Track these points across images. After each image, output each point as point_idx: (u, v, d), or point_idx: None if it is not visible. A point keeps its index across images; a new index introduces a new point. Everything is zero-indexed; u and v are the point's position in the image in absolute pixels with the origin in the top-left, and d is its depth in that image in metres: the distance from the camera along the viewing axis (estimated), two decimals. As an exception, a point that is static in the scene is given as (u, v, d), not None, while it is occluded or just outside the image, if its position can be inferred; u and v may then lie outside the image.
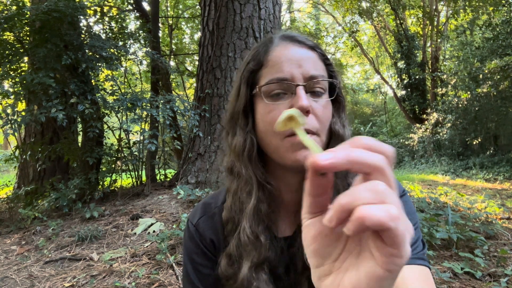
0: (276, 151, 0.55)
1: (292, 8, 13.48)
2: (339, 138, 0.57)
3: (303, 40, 0.57)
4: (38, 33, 3.60)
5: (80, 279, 2.03)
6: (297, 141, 0.52)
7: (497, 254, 2.20)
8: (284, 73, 0.54)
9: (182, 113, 3.94)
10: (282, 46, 0.56)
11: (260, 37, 3.96)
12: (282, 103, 0.54)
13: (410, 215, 0.60)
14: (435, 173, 10.17)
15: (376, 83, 21.54)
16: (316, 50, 0.57)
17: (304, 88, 0.53)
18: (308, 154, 0.50)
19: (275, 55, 0.56)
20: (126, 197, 3.74)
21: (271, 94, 0.55)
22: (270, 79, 0.54)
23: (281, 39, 0.58)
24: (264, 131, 0.56)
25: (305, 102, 0.51)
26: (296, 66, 0.54)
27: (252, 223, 0.55)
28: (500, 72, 8.57)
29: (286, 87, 0.54)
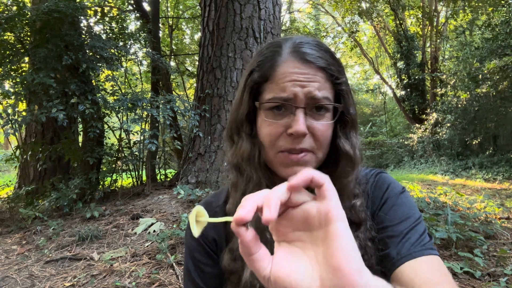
0: (272, 163, 0.58)
1: (292, 8, 13.49)
2: (348, 158, 0.58)
3: (313, 60, 0.55)
4: (38, 34, 3.60)
5: (80, 279, 2.04)
6: (288, 160, 0.55)
7: (496, 253, 2.21)
8: (287, 93, 0.54)
9: (182, 113, 3.95)
10: (290, 63, 0.56)
11: (260, 37, 3.97)
12: (280, 121, 0.55)
13: (412, 210, 0.63)
14: (435, 173, 10.18)
15: (376, 83, 21.57)
16: (325, 70, 0.56)
17: (304, 110, 0.54)
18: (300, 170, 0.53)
19: (281, 72, 0.55)
20: (127, 197, 3.75)
21: (271, 107, 0.56)
22: (273, 97, 0.55)
23: (290, 54, 0.56)
24: (262, 141, 0.58)
25: (301, 128, 0.53)
26: (300, 86, 0.54)
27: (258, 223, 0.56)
28: (499, 72, 8.59)
29: (287, 107, 0.55)
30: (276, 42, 0.60)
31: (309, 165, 0.56)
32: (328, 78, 0.56)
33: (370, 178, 0.65)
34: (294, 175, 0.51)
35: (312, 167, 0.56)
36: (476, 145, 10.34)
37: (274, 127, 0.55)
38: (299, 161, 0.55)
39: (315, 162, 0.57)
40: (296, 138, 0.54)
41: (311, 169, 0.34)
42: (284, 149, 0.55)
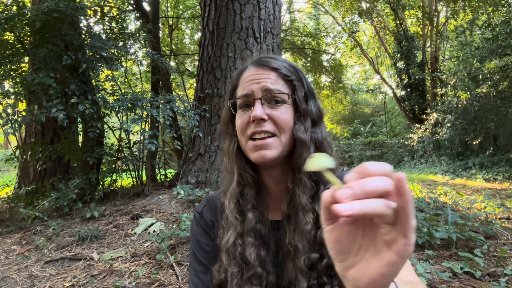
0: (246, 151, 0.70)
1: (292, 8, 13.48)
2: (301, 143, 0.68)
3: (267, 63, 0.70)
4: (38, 34, 3.60)
5: (80, 279, 2.04)
6: (253, 145, 0.67)
7: (496, 253, 2.21)
8: (246, 90, 0.69)
9: (182, 113, 3.95)
10: (249, 70, 0.72)
11: (260, 37, 3.97)
12: (247, 113, 0.69)
13: None
14: (435, 173, 10.18)
15: (376, 83, 21.56)
16: (277, 70, 0.70)
17: (261, 100, 0.67)
18: (265, 153, 0.66)
19: (244, 78, 0.72)
20: (127, 197, 3.75)
21: (241, 106, 0.71)
22: (239, 96, 0.71)
23: (251, 64, 0.73)
24: (238, 133, 0.71)
25: (258, 112, 0.65)
26: (256, 83, 0.68)
27: (236, 203, 0.69)
28: (499, 72, 8.59)
29: (249, 101, 0.69)
30: (246, 63, 0.76)
31: (273, 147, 0.66)
32: (280, 76, 0.70)
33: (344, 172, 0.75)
34: (260, 159, 0.66)
35: (277, 150, 0.66)
36: (476, 145, 10.34)
37: (243, 118, 0.69)
38: (263, 146, 0.66)
39: (280, 146, 0.67)
40: (257, 123, 0.66)
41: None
42: (250, 134, 0.67)
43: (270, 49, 4.03)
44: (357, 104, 21.89)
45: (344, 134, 18.37)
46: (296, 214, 0.66)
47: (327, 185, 0.67)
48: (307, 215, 0.65)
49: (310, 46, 10.70)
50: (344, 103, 14.75)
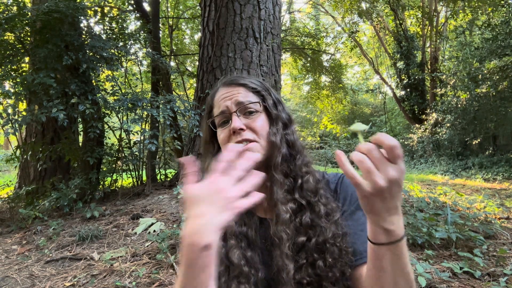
0: None
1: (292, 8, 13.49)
2: (274, 144, 0.75)
3: (235, 81, 0.79)
4: (38, 34, 3.60)
5: (80, 279, 2.04)
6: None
7: (496, 253, 2.21)
8: (222, 107, 0.77)
9: (183, 113, 3.95)
10: (221, 90, 0.80)
11: (260, 37, 3.97)
12: (226, 128, 0.76)
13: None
14: (434, 173, 10.19)
15: (376, 84, 21.57)
16: (244, 86, 0.78)
17: (236, 113, 0.74)
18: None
19: (217, 98, 0.80)
20: (127, 197, 3.75)
21: (220, 123, 0.78)
22: (216, 114, 0.78)
23: (221, 85, 0.81)
24: (221, 148, 0.77)
25: (236, 124, 0.72)
26: (229, 99, 0.76)
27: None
28: (499, 73, 8.60)
29: (226, 117, 0.76)
30: (215, 85, 0.84)
31: (255, 151, 0.73)
32: (249, 89, 0.78)
33: (339, 179, 0.81)
34: None
35: (259, 153, 0.73)
36: (476, 145, 10.35)
37: (224, 133, 0.76)
38: (246, 150, 0.70)
39: (260, 149, 0.74)
40: (237, 133, 0.72)
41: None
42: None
43: (270, 49, 4.04)
44: (357, 104, 21.89)
45: (344, 134, 18.38)
46: (276, 207, 0.72)
47: (304, 177, 0.75)
48: (285, 206, 0.71)
49: (310, 46, 10.70)
50: (344, 103, 14.74)
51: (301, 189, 0.75)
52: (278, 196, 0.73)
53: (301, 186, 0.75)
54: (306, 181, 0.75)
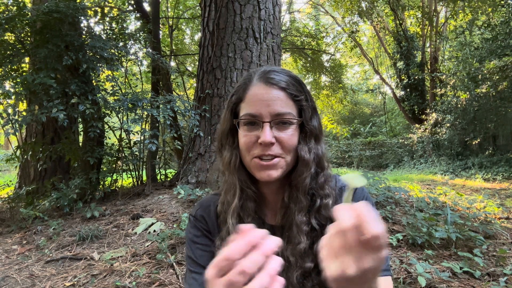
0: (249, 167, 0.71)
1: (292, 8, 13.49)
2: (304, 163, 0.69)
3: (276, 82, 0.69)
4: (39, 34, 3.60)
5: (81, 279, 2.04)
6: (260, 165, 0.67)
7: (496, 253, 2.22)
8: (254, 111, 0.67)
9: (183, 113, 3.95)
10: (256, 87, 0.69)
11: (260, 37, 3.97)
12: (253, 133, 0.68)
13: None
14: (434, 173, 10.19)
15: (376, 84, 21.57)
16: (286, 90, 0.69)
17: (270, 123, 0.66)
18: (271, 173, 0.67)
19: (251, 94, 0.70)
20: (127, 196, 3.76)
21: (245, 124, 0.69)
22: (245, 114, 0.69)
23: (257, 79, 0.70)
24: (241, 149, 0.71)
25: (267, 137, 0.65)
26: (265, 105, 0.67)
27: (238, 217, 0.70)
28: (499, 73, 8.60)
29: (256, 121, 0.68)
30: (250, 72, 0.75)
31: (279, 167, 0.67)
32: (289, 97, 0.69)
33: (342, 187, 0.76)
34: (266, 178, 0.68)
35: (282, 169, 0.68)
36: (475, 145, 10.35)
37: (248, 137, 0.68)
38: (269, 166, 0.67)
39: (285, 165, 0.68)
40: (265, 146, 0.65)
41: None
42: (257, 155, 0.67)
43: (270, 49, 4.04)
44: (357, 104, 21.89)
45: (344, 134, 18.37)
46: (290, 229, 0.68)
47: (324, 200, 0.70)
48: (301, 233, 0.67)
49: (310, 46, 10.70)
50: (344, 103, 14.74)
51: (318, 213, 0.70)
52: (297, 219, 0.68)
53: (318, 210, 0.70)
54: (325, 206, 0.69)
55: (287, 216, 0.70)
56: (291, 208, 0.69)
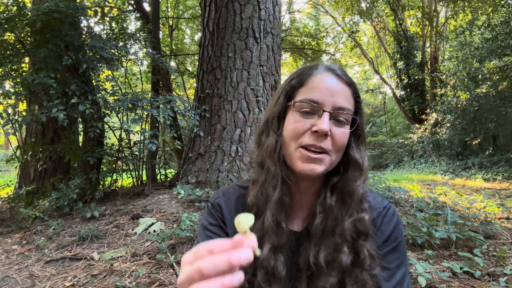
0: (290, 156, 0.65)
1: (292, 8, 13.49)
2: (357, 165, 0.66)
3: (343, 76, 0.66)
4: (39, 34, 3.60)
5: (80, 279, 2.04)
6: (307, 156, 0.62)
7: (496, 253, 2.21)
8: (317, 97, 0.63)
9: (183, 113, 3.95)
10: (323, 75, 0.66)
11: (260, 37, 3.97)
12: (308, 120, 0.63)
13: (406, 257, 0.70)
14: (434, 173, 10.19)
15: (376, 84, 21.56)
16: (351, 87, 0.66)
17: (330, 115, 0.62)
18: (316, 168, 0.62)
19: (315, 80, 0.65)
20: (127, 197, 3.76)
21: (301, 110, 0.64)
22: (305, 98, 0.64)
23: (325, 69, 0.67)
24: (286, 136, 0.65)
25: (325, 127, 0.60)
26: (329, 95, 0.63)
27: (275, 212, 0.65)
28: (499, 73, 8.59)
29: (315, 109, 0.63)
30: (314, 63, 0.71)
31: (323, 164, 0.62)
32: (353, 94, 0.66)
33: (382, 210, 0.70)
34: (308, 172, 0.62)
35: (326, 167, 0.63)
36: (475, 145, 10.34)
37: (301, 123, 0.63)
38: (316, 159, 0.62)
39: (329, 164, 0.63)
40: (319, 136, 0.61)
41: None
42: (306, 144, 0.62)
43: (270, 49, 4.04)
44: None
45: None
46: (327, 236, 0.63)
47: (360, 213, 0.65)
48: (345, 242, 0.62)
49: (310, 46, 10.71)
50: (344, 103, 14.74)
51: (353, 226, 0.64)
52: (344, 224, 0.62)
53: (354, 223, 0.64)
54: (360, 220, 0.64)
55: (328, 222, 0.63)
56: (335, 213, 0.63)
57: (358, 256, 0.62)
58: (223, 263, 0.33)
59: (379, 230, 0.67)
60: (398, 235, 0.68)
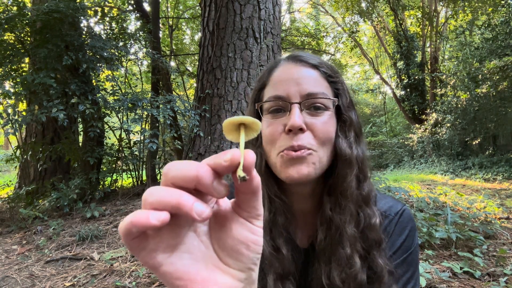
0: (274, 166, 0.57)
1: (292, 8, 13.49)
2: (346, 161, 0.56)
3: (306, 59, 0.58)
4: (39, 34, 3.60)
5: (80, 279, 2.04)
6: (288, 156, 0.53)
7: (496, 253, 2.21)
8: (280, 91, 0.56)
9: (183, 113, 3.95)
10: (284, 66, 0.59)
11: (260, 37, 3.97)
12: (279, 120, 0.55)
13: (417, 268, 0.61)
14: (434, 173, 10.19)
15: (376, 83, 21.56)
16: (319, 68, 0.58)
17: (300, 105, 0.54)
18: (301, 169, 0.53)
19: (276, 75, 0.59)
20: (127, 196, 3.75)
21: (270, 110, 0.57)
22: (268, 97, 0.57)
23: (285, 60, 0.60)
24: (265, 145, 0.58)
25: (297, 120, 0.52)
26: (294, 84, 0.55)
27: (271, 237, 0.58)
28: (499, 73, 8.59)
29: (283, 104, 0.56)
30: (277, 58, 0.64)
31: (310, 163, 0.53)
32: (322, 75, 0.57)
33: (394, 216, 0.61)
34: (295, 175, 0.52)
35: (314, 166, 0.54)
36: (476, 145, 10.34)
37: (274, 126, 0.55)
38: (299, 157, 0.53)
39: (317, 162, 0.54)
40: (294, 134, 0.53)
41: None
42: (284, 147, 0.54)
43: (270, 49, 4.04)
44: (357, 104, 21.65)
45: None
46: (336, 249, 0.55)
47: (369, 219, 0.57)
48: (355, 253, 0.54)
49: (310, 46, 10.71)
50: (344, 103, 14.76)
51: (361, 233, 0.56)
52: (349, 231, 0.54)
53: (362, 230, 0.56)
54: (370, 227, 0.56)
55: (331, 233, 0.55)
56: (336, 222, 0.55)
57: (374, 271, 0.54)
58: (171, 198, 0.25)
59: (389, 240, 0.59)
60: (410, 244, 0.60)
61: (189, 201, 0.25)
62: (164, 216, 0.25)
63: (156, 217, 0.24)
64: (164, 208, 0.25)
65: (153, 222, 0.24)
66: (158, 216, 0.24)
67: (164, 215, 0.25)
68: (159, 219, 0.24)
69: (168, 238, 0.28)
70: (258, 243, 0.30)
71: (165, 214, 0.25)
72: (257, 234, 0.30)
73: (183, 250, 0.28)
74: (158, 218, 0.24)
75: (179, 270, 0.27)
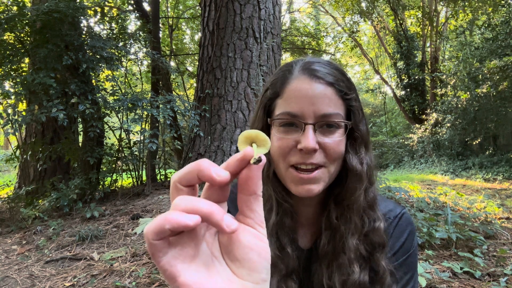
0: (282, 177, 0.59)
1: (292, 8, 13.49)
2: (356, 176, 0.58)
3: (322, 76, 0.57)
4: (38, 34, 3.60)
5: (80, 279, 2.04)
6: (299, 177, 0.55)
7: (496, 253, 2.21)
8: (294, 109, 0.56)
9: (183, 113, 3.95)
10: (299, 80, 0.57)
11: (260, 37, 3.97)
12: (291, 137, 0.56)
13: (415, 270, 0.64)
14: (435, 173, 10.19)
15: (376, 83, 21.56)
16: (334, 86, 0.57)
17: (314, 126, 0.55)
18: (312, 188, 0.55)
19: (291, 89, 0.57)
20: (127, 197, 3.75)
21: (282, 125, 0.57)
22: (282, 112, 0.57)
23: (300, 71, 0.58)
24: (273, 154, 0.59)
25: (311, 143, 0.53)
26: (309, 103, 0.55)
27: (277, 238, 0.60)
28: (499, 72, 8.59)
29: (296, 122, 0.56)
30: (289, 63, 0.63)
31: (321, 181, 0.56)
32: (338, 93, 0.57)
33: (393, 220, 0.64)
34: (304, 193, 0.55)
35: (324, 182, 0.57)
36: (476, 145, 10.34)
37: (284, 141, 0.56)
38: (310, 180, 0.55)
39: (327, 177, 0.57)
40: (306, 153, 0.54)
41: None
42: (294, 163, 0.56)
43: (270, 49, 4.04)
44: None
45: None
46: (338, 256, 0.58)
47: (373, 223, 0.60)
48: (354, 262, 0.56)
49: (310, 46, 10.71)
50: (344, 103, 14.77)
51: (365, 237, 0.58)
52: (350, 244, 0.56)
53: (366, 233, 0.58)
54: (375, 231, 0.58)
55: (335, 240, 0.58)
56: (341, 231, 0.57)
57: (376, 272, 0.57)
58: (203, 209, 0.26)
59: (391, 238, 0.62)
60: (409, 247, 0.63)
61: (220, 212, 0.27)
62: (197, 218, 0.25)
63: (190, 218, 0.25)
64: (196, 214, 0.26)
65: (187, 221, 0.25)
66: (192, 217, 0.25)
67: (197, 217, 0.26)
68: (193, 219, 0.25)
69: (188, 249, 0.28)
70: (267, 250, 0.31)
71: (198, 216, 0.26)
72: (264, 241, 0.31)
73: (200, 263, 0.29)
74: (192, 219, 0.25)
75: (196, 283, 0.27)
